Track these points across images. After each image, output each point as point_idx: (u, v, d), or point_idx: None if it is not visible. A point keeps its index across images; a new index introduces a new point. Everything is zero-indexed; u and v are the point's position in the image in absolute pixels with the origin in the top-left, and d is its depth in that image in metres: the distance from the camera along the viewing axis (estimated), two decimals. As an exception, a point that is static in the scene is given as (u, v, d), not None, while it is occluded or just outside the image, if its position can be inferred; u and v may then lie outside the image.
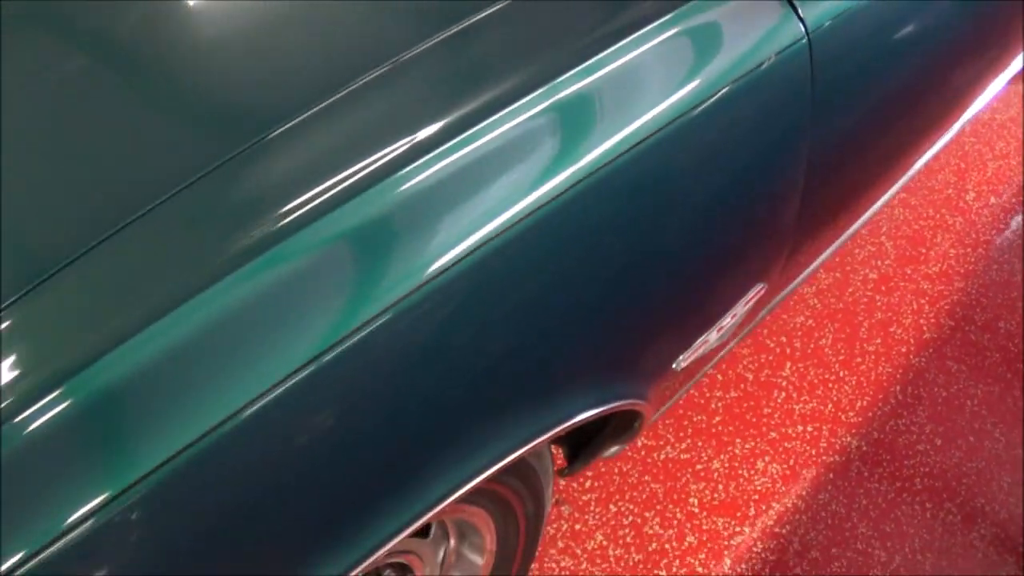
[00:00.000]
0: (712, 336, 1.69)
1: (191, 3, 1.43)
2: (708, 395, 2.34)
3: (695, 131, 1.29)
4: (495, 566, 1.72)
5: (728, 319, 1.69)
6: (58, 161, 1.17)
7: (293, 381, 0.97)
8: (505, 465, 1.30)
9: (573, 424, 1.39)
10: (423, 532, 1.62)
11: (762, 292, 1.75)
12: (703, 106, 1.29)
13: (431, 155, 1.08)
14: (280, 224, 1.01)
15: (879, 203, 2.16)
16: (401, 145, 1.09)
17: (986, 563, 2.09)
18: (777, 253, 1.70)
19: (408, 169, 1.07)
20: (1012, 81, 2.47)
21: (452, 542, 1.67)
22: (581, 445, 1.82)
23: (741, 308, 1.71)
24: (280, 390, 0.96)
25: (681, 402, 2.32)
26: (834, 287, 2.60)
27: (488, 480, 1.30)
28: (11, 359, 0.92)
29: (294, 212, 1.02)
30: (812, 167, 1.57)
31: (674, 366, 1.64)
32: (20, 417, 0.88)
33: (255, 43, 1.36)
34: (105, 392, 0.91)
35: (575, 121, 1.20)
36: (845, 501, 2.18)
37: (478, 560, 1.70)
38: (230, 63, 1.33)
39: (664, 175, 1.29)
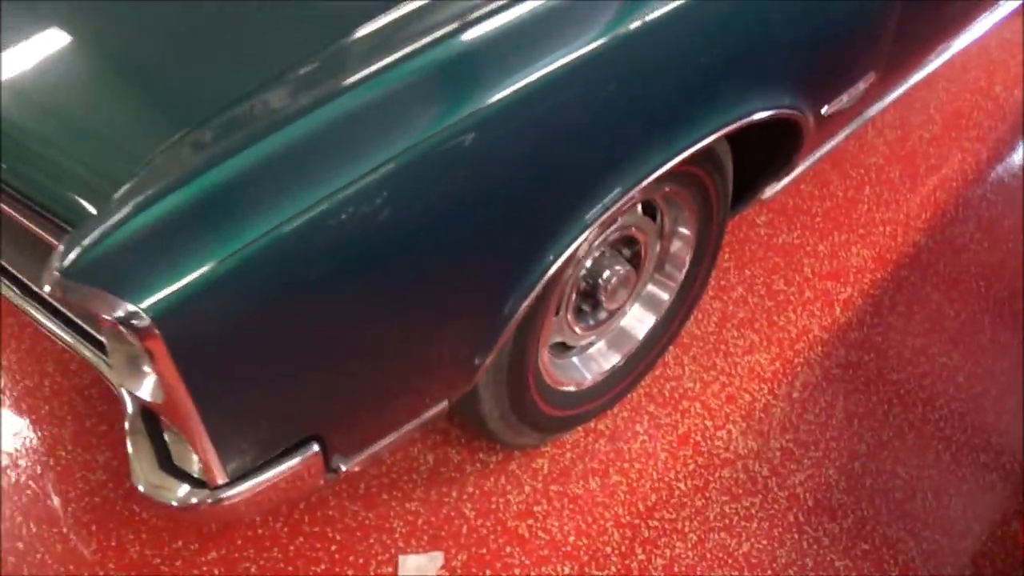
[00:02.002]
0: (844, 98, 2.44)
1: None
2: (808, 204, 3.08)
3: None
4: (698, 242, 2.37)
5: (854, 89, 2.45)
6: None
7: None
8: (703, 148, 1.86)
9: (752, 121, 1.99)
10: (651, 217, 2.24)
11: (874, 79, 2.49)
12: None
13: None
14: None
15: (957, 40, 2.94)
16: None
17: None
18: (883, 48, 2.38)
19: None
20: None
21: (667, 223, 2.32)
22: (743, 194, 2.45)
23: (862, 84, 2.46)
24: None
25: (789, 204, 3.08)
26: (896, 141, 3.35)
27: (689, 163, 1.91)
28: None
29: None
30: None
31: (823, 111, 2.31)
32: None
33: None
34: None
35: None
36: (919, 278, 2.92)
37: (687, 231, 2.34)
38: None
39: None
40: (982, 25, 3.05)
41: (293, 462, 1.61)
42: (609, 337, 2.36)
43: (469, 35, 1.52)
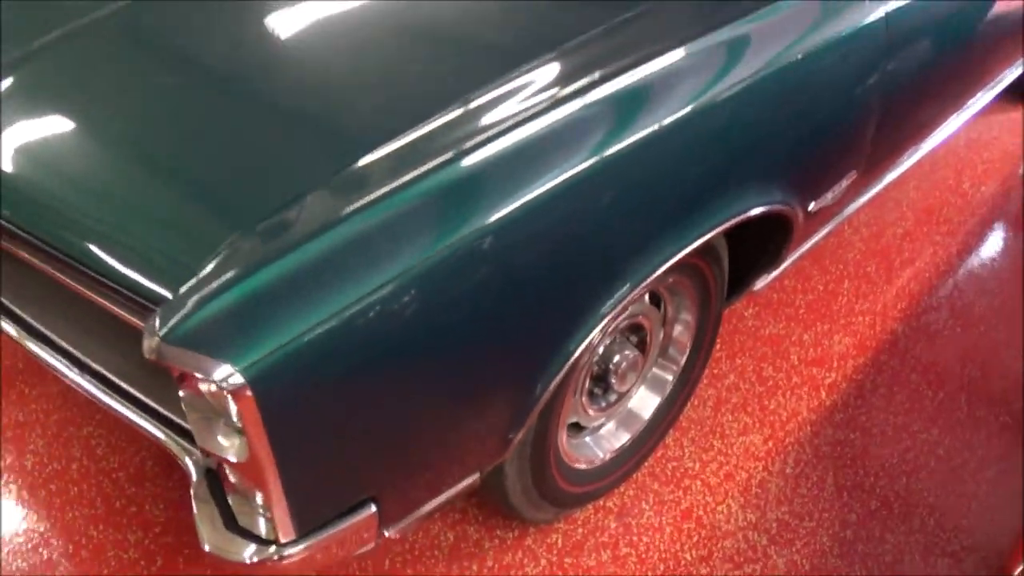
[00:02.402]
0: (829, 196, 2.68)
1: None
2: (792, 297, 3.31)
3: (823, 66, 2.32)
4: (697, 328, 2.61)
5: (838, 187, 2.71)
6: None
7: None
8: (704, 242, 2.09)
9: (749, 216, 2.23)
10: (656, 305, 2.47)
11: (855, 177, 2.72)
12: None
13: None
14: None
15: (929, 140, 3.22)
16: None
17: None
18: (863, 149, 2.65)
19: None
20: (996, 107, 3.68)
21: (670, 311, 2.54)
22: (735, 288, 2.71)
23: (845, 182, 2.71)
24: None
25: (774, 298, 3.34)
26: (871, 238, 3.61)
27: (691, 255, 2.15)
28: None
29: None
30: (884, 105, 2.57)
31: (810, 208, 2.56)
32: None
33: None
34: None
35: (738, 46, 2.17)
36: (898, 362, 3.13)
37: (688, 317, 2.56)
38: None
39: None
40: (951, 126, 3.35)
41: (353, 520, 1.78)
42: (618, 418, 2.57)
43: (486, 152, 1.75)
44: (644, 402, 2.63)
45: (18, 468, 2.66)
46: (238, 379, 1.45)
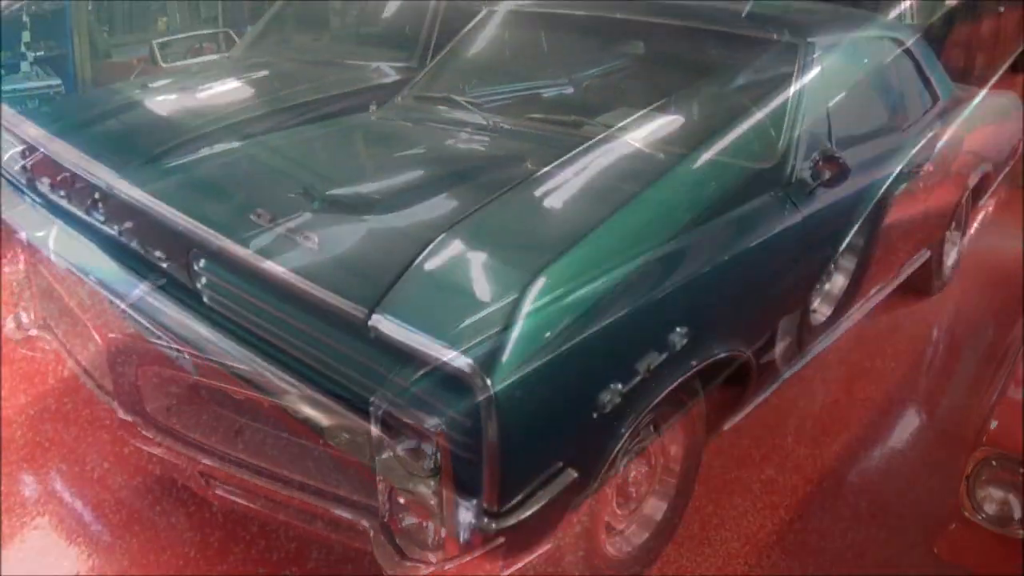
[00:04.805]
0: (775, 351, 4.01)
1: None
2: (748, 452, 4.55)
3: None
4: (687, 449, 3.76)
5: (778, 348, 4.12)
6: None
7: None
8: (686, 378, 3.25)
9: (716, 359, 3.44)
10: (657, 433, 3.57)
11: (790, 341, 4.11)
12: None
13: None
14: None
15: (846, 317, 4.61)
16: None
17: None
18: (793, 320, 3.97)
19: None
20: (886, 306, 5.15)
21: (667, 436, 3.71)
22: (712, 428, 3.89)
23: (783, 344, 4.13)
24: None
25: (735, 452, 4.61)
26: (805, 407, 4.92)
27: (678, 393, 3.28)
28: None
29: None
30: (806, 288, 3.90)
31: (762, 360, 3.80)
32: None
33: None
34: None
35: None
36: (836, 486, 4.36)
37: (681, 438, 3.70)
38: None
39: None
40: (863, 309, 4.85)
41: (488, 548, 2.80)
42: (638, 521, 3.70)
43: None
44: (655, 508, 3.76)
45: None
46: (489, 388, 2.52)
